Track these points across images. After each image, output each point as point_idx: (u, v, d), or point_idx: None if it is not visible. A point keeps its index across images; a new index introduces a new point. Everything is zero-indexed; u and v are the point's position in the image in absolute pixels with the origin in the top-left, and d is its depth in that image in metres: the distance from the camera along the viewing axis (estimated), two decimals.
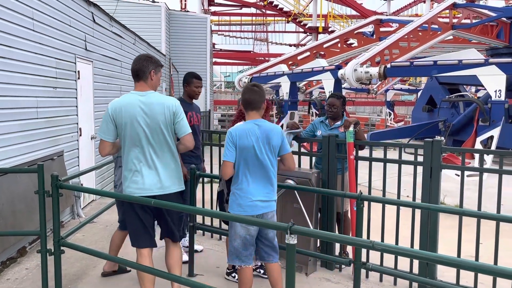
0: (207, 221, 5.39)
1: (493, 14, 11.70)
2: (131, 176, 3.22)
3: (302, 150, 5.04)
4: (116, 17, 8.93)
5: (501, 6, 14.92)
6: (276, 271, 3.33)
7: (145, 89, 3.24)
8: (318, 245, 4.58)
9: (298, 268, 4.29)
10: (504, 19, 11.97)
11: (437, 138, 13.85)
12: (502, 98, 6.68)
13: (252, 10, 32.39)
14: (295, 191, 4.21)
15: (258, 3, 28.14)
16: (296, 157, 4.67)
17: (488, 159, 6.71)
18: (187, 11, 22.30)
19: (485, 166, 5.46)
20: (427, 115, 14.31)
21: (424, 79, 21.65)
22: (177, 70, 17.49)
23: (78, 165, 6.42)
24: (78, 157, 6.41)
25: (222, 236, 5.11)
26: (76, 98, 6.28)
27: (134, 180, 3.21)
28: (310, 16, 25.98)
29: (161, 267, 3.46)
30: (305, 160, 4.72)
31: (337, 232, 4.61)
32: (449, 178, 6.34)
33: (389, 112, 19.96)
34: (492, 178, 3.80)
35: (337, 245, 4.59)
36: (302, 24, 27.00)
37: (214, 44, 27.86)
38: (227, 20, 34.80)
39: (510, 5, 12.89)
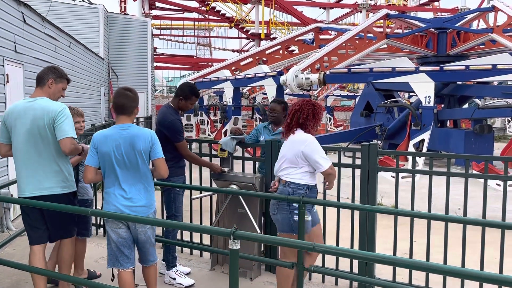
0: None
1: (422, 25, 12.49)
2: (18, 179, 3.38)
3: (246, 155, 5.06)
4: (50, 18, 8.50)
5: (430, 18, 15.96)
6: (148, 275, 3.35)
7: (38, 95, 3.37)
8: (262, 249, 4.61)
9: (242, 273, 4.29)
10: (432, 29, 12.83)
11: (374, 141, 14.56)
12: (431, 103, 7.13)
13: (195, 15, 32.21)
14: (240, 196, 4.22)
15: (200, 8, 28.02)
16: (239, 161, 4.70)
17: (420, 161, 7.11)
18: (127, 14, 21.71)
19: (417, 168, 5.82)
20: (365, 120, 14.94)
21: (361, 86, 22.62)
22: (116, 74, 16.95)
23: (8, 175, 6.00)
24: (7, 166, 6.00)
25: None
26: (4, 103, 5.89)
27: (18, 183, 3.39)
28: (253, 22, 26.29)
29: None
30: (249, 165, 4.75)
31: None
32: (385, 180, 6.66)
33: (329, 117, 20.63)
34: (424, 179, 4.03)
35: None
36: (244, 30, 27.23)
37: (155, 48, 27.32)
38: (169, 24, 34.29)
39: (437, 17, 13.83)
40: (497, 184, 5.38)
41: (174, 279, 4.17)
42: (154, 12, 29.26)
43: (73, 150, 3.29)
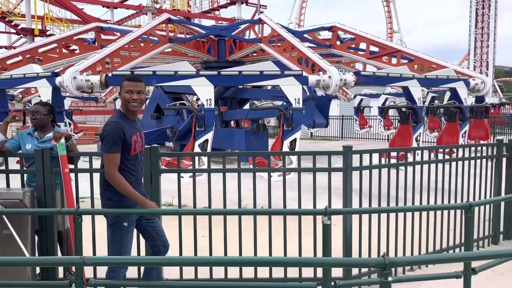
0: None
1: (203, 31, 13.27)
2: None
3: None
4: None
5: (209, 25, 17.06)
6: None
7: None
8: (38, 271, 4.10)
9: None
10: (213, 36, 13.76)
11: (167, 143, 14.70)
12: (212, 105, 7.62)
13: None
14: (3, 216, 3.64)
15: None
16: (3, 175, 4.07)
17: (205, 160, 7.52)
18: None
19: (203, 167, 6.15)
20: (156, 123, 15.01)
21: (151, 88, 22.59)
22: None
23: None
24: None
25: None
26: None
27: None
28: (24, 16, 23.21)
29: None
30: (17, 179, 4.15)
31: (59, 253, 4.24)
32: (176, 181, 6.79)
33: None
34: (218, 176, 4.23)
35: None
36: (13, 24, 23.81)
37: None
38: None
39: (216, 25, 14.92)
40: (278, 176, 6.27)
41: None
42: None
43: None
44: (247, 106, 14.86)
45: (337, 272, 4.28)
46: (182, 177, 6.82)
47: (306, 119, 11.93)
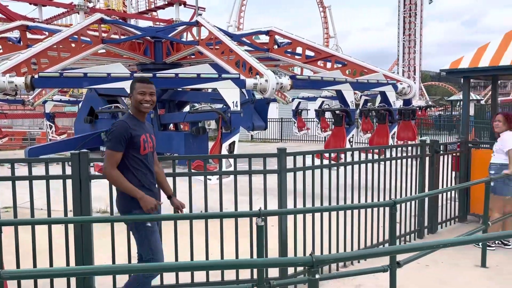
0: None
1: (138, 33, 12.93)
2: None
3: None
4: None
5: (145, 27, 16.66)
6: None
7: None
8: None
9: None
10: (149, 38, 13.45)
11: (101, 148, 14.12)
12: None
13: None
14: None
15: None
16: None
17: None
18: None
19: None
20: (90, 126, 14.39)
21: (85, 91, 21.65)
22: None
23: None
24: None
25: None
26: None
27: None
28: None
29: None
30: None
31: None
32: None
33: (49, 125, 18.88)
34: None
35: None
36: None
37: None
38: None
39: (152, 26, 14.60)
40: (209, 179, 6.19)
41: None
42: None
43: None
44: (188, 109, 14.71)
45: (275, 272, 4.35)
46: None
47: (245, 122, 12.01)
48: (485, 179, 5.09)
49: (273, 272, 4.36)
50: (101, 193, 4.76)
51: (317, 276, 2.08)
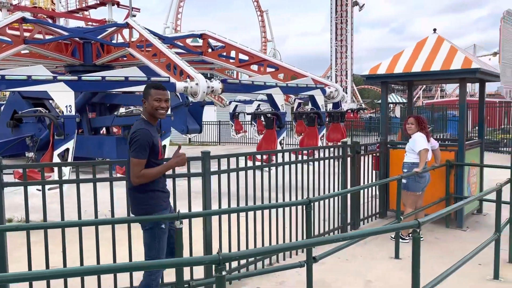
0: None
1: (65, 33, 12.42)
2: None
3: None
4: None
5: (73, 27, 16.00)
6: None
7: None
8: None
9: None
10: (78, 39, 12.97)
11: (28, 154, 13.37)
12: (73, 112, 7.20)
13: None
14: None
15: None
16: None
17: (66, 170, 7.07)
18: None
19: (64, 178, 5.73)
20: (14, 131, 13.62)
21: (7, 93, 20.37)
22: None
23: None
24: None
25: None
26: None
27: None
28: None
29: None
30: None
31: None
32: (34, 194, 6.23)
33: None
34: (74, 187, 4.04)
35: None
36: None
37: None
38: None
39: (80, 27, 14.03)
40: None
41: None
42: None
43: None
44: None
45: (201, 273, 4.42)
46: (39, 190, 6.35)
47: (179, 125, 11.95)
48: (397, 177, 5.50)
49: (199, 274, 4.43)
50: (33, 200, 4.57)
51: (223, 273, 2.18)
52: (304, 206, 3.84)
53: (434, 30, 7.42)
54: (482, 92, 7.85)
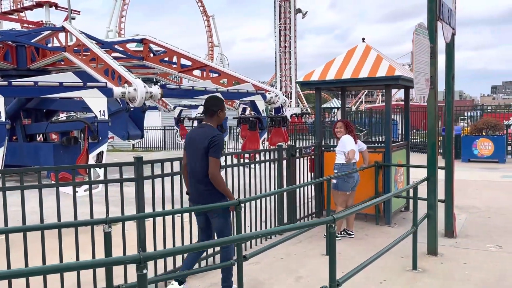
0: None
1: None
2: None
3: None
4: None
5: (4, 30, 15.22)
6: None
7: None
8: None
9: None
10: (10, 42, 12.39)
11: None
12: (3, 119, 6.93)
13: None
14: None
15: None
16: None
17: None
18: None
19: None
20: None
21: None
22: None
23: None
24: None
25: None
26: None
27: None
28: None
29: None
30: None
31: None
32: None
33: None
34: (14, 195, 3.93)
35: None
36: None
37: None
38: None
39: (12, 30, 13.35)
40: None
41: None
42: None
43: None
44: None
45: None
46: None
47: (119, 131, 11.75)
48: (326, 177, 5.83)
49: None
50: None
51: (144, 271, 2.28)
52: (234, 207, 4.00)
53: (363, 39, 7.90)
54: (407, 97, 8.44)
